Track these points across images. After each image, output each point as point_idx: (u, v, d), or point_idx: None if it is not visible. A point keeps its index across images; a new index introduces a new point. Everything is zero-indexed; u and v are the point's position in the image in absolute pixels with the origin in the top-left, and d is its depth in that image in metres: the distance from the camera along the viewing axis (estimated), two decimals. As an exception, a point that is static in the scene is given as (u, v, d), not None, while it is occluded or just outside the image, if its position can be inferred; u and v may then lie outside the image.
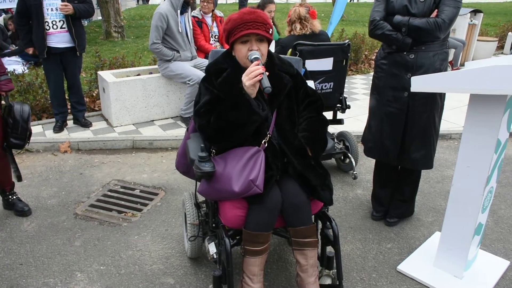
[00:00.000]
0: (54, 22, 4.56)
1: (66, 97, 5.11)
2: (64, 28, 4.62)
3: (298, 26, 3.98)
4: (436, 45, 2.85)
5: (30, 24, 4.58)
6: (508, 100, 2.31)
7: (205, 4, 5.54)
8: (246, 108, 2.11)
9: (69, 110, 5.18)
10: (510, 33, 9.60)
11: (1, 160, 3.26)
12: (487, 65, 2.21)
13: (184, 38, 5.12)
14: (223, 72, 2.28)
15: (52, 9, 4.53)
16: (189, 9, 5.21)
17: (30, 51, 4.82)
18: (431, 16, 2.76)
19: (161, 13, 4.85)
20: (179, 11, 4.96)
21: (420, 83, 2.43)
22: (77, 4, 4.59)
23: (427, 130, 2.98)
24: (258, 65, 2.10)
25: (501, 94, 2.23)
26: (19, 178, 3.40)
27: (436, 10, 2.76)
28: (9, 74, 5.57)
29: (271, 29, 2.22)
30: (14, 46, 8.67)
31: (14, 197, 3.45)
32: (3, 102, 3.19)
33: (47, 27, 4.54)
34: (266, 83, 2.06)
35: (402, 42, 2.83)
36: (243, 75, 2.12)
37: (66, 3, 4.50)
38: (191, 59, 5.24)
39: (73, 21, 4.63)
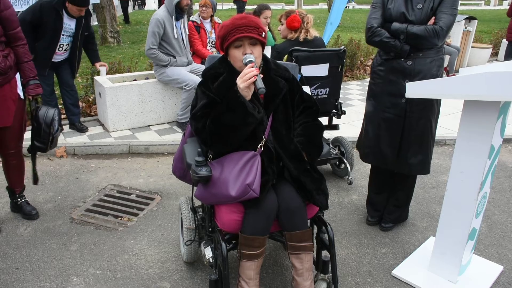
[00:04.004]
0: (62, 45, 4.61)
1: (60, 103, 5.12)
2: (67, 50, 4.71)
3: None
4: (433, 52, 2.86)
5: (33, 35, 4.40)
6: (502, 106, 2.34)
7: (204, 9, 5.60)
8: (242, 110, 2.12)
9: (64, 116, 5.19)
10: (504, 40, 9.67)
11: (17, 160, 3.29)
12: (480, 71, 2.24)
13: (180, 43, 5.14)
14: (220, 77, 2.30)
15: (65, 35, 4.57)
16: (185, 16, 5.25)
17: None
18: (428, 23, 2.78)
19: (158, 19, 4.88)
20: (174, 17, 4.99)
21: (414, 89, 2.45)
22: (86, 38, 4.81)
23: (424, 135, 3.00)
24: (252, 67, 2.13)
25: (494, 100, 2.26)
26: (36, 182, 3.42)
27: (433, 17, 2.78)
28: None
29: (263, 33, 2.24)
30: None
31: (23, 200, 3.45)
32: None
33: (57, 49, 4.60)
34: (260, 84, 2.07)
35: (400, 49, 2.84)
36: (238, 78, 2.14)
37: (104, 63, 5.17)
38: (187, 65, 5.27)
39: (78, 48, 4.76)
